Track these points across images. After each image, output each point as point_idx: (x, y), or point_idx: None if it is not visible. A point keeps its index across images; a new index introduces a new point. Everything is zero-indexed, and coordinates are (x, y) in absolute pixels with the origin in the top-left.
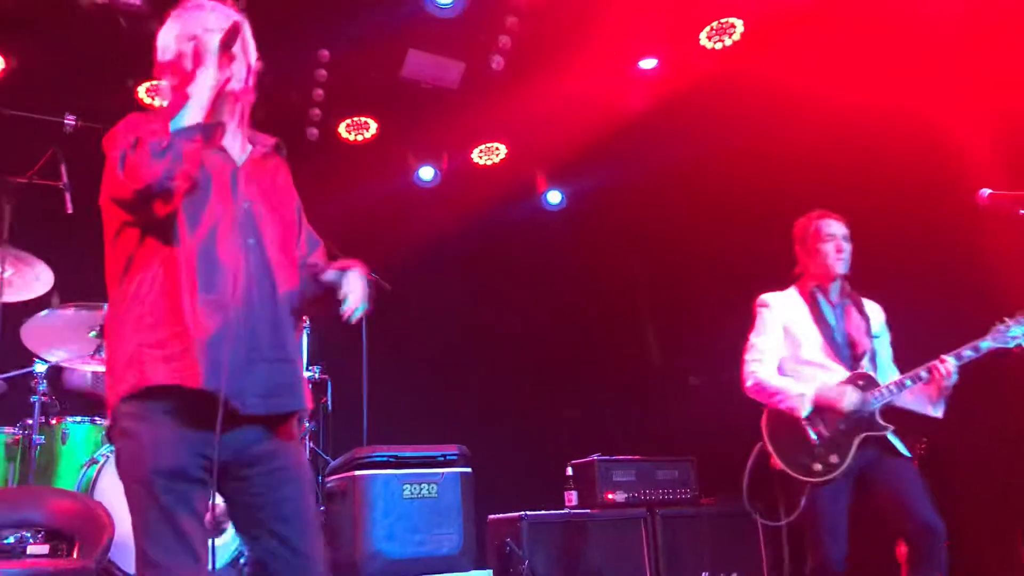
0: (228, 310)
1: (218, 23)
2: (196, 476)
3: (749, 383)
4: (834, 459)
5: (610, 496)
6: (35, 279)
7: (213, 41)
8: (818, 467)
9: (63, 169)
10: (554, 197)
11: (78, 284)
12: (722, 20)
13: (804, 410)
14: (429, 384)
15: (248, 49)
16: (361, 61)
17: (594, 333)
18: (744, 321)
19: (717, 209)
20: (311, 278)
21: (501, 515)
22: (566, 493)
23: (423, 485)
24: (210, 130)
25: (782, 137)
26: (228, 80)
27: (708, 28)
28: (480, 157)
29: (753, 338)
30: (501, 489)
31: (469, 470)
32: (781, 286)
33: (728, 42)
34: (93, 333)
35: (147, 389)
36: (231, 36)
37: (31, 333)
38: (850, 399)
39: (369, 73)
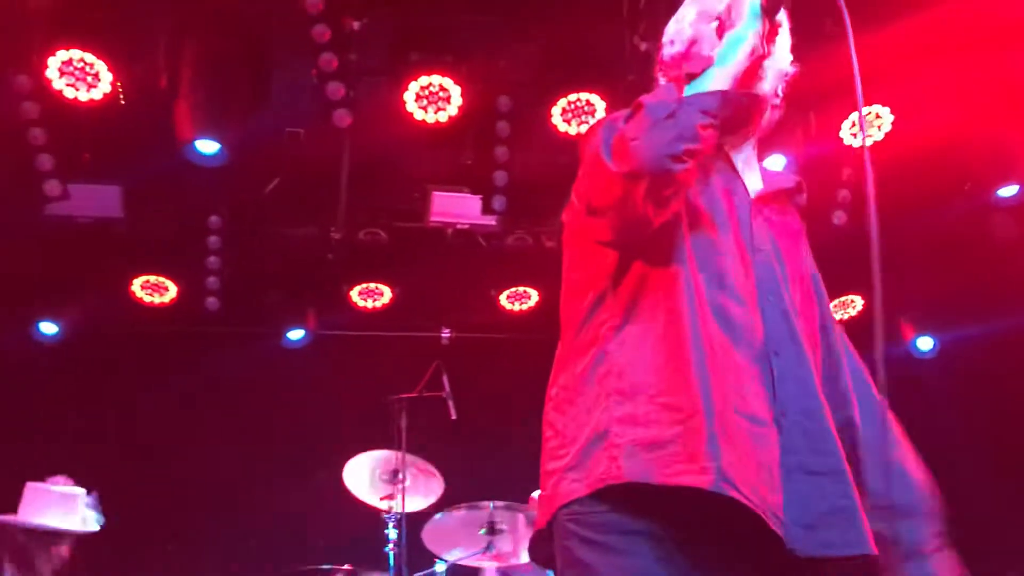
0: (752, 385)
1: None
2: None
3: None
4: None
5: None
6: (429, 485)
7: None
8: None
9: (445, 380)
10: (925, 344)
11: (465, 485)
12: None
13: None
14: None
15: (786, 46)
16: None
17: (969, 494)
18: None
19: None
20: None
21: None
22: None
23: None
24: (737, 102)
25: None
26: (762, 61)
27: None
28: (836, 313)
29: None
30: None
31: None
32: None
33: None
34: (483, 531)
35: (620, 489)
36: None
37: (430, 535)
38: None
39: None
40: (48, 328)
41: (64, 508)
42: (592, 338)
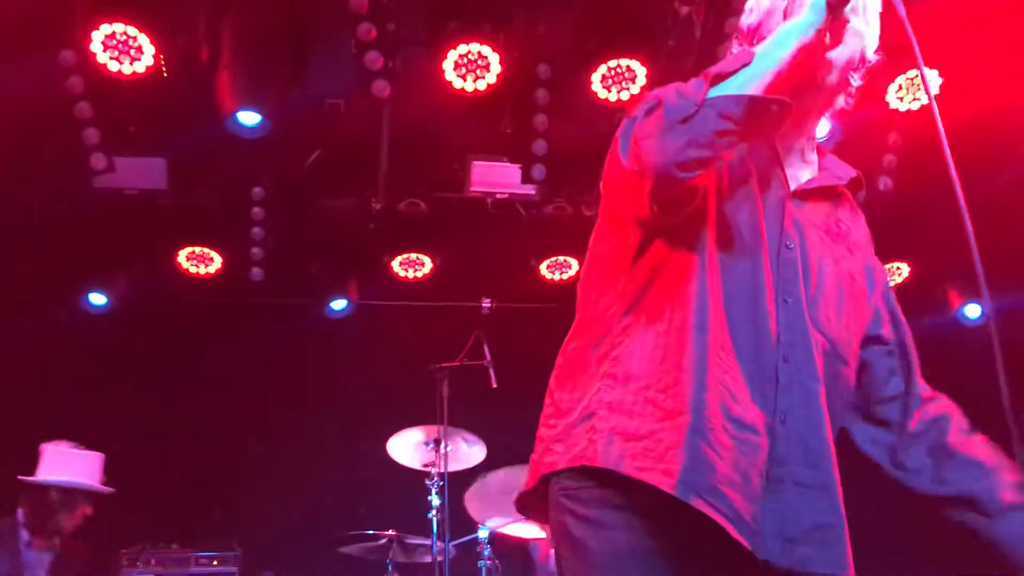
0: (752, 390)
1: None
2: None
3: None
4: None
5: None
6: (471, 451)
7: None
8: None
9: (486, 349)
10: (973, 312)
11: (506, 452)
12: None
13: None
14: None
15: (870, 32)
16: None
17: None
18: None
19: None
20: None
21: None
22: None
23: None
24: (764, 109)
25: None
26: (823, 54)
27: None
28: None
29: None
30: None
31: None
32: None
33: None
34: None
35: (592, 469)
36: None
37: (472, 502)
38: None
39: None
40: (97, 299)
41: (90, 468)
42: (598, 317)
